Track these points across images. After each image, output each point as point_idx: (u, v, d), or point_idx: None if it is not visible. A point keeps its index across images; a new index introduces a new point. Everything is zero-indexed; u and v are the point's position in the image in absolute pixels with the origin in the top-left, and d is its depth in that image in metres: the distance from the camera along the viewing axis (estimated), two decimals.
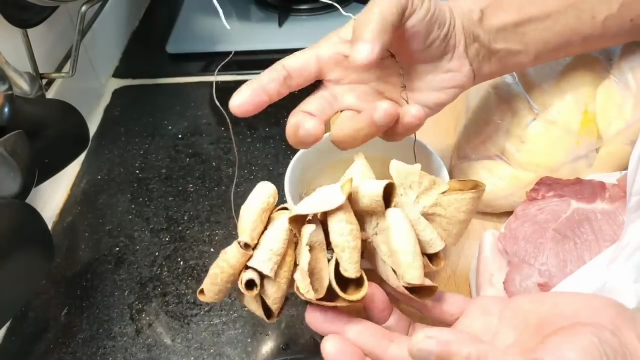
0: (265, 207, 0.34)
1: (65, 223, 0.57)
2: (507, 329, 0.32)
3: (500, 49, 0.42)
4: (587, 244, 0.43)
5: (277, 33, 0.81)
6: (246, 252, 0.33)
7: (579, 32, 0.43)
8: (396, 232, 0.32)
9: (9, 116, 0.41)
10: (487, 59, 0.42)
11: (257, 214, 0.34)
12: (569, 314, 0.30)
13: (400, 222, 0.32)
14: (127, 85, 0.75)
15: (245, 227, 0.33)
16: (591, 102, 0.49)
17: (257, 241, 0.34)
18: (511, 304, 0.33)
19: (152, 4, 0.93)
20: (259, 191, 0.34)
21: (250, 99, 0.36)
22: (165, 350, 0.45)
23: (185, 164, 0.63)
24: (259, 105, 0.36)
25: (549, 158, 0.49)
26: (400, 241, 0.32)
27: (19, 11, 0.48)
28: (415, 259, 0.32)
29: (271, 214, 0.35)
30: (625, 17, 0.43)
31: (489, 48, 0.42)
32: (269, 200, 0.34)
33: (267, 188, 0.35)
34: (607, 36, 0.44)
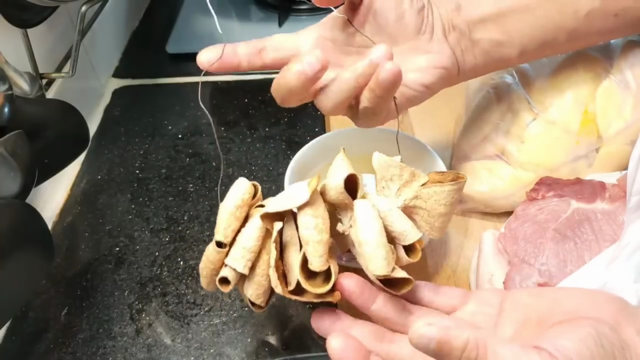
0: (239, 204, 0.34)
1: (65, 223, 0.57)
2: (507, 322, 0.32)
3: (481, 38, 0.42)
4: (587, 244, 0.43)
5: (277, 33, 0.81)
6: (220, 249, 0.34)
7: (562, 27, 0.43)
8: (360, 223, 0.32)
9: (9, 116, 0.41)
10: (470, 49, 0.42)
11: (230, 212, 0.34)
12: (570, 309, 0.30)
13: (364, 212, 0.32)
14: (127, 85, 0.75)
15: (219, 226, 0.35)
16: (591, 102, 0.49)
17: (231, 238, 0.35)
18: (511, 298, 0.33)
19: (152, 4, 0.93)
20: (234, 189, 0.35)
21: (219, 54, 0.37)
22: (165, 350, 0.45)
23: (185, 164, 0.63)
24: (227, 64, 0.37)
25: (549, 158, 0.49)
26: (363, 232, 0.32)
27: (19, 11, 0.48)
28: (378, 249, 0.32)
29: (250, 209, 0.35)
30: (609, 12, 0.43)
31: (470, 38, 0.42)
32: (244, 197, 0.35)
33: (241, 185, 0.35)
34: (592, 32, 0.44)
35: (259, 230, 0.34)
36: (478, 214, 0.53)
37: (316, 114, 0.67)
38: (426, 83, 0.40)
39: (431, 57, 0.40)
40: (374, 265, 0.32)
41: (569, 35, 0.44)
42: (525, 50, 0.44)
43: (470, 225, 0.52)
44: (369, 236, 0.32)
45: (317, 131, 0.65)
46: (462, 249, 0.50)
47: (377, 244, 0.32)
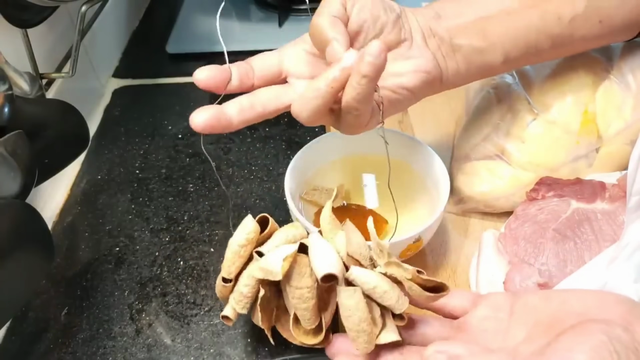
0: (243, 243, 0.38)
1: (65, 223, 0.57)
2: (518, 326, 0.32)
3: (462, 44, 0.42)
4: (587, 244, 0.43)
5: (277, 33, 0.81)
6: (225, 285, 0.39)
7: (545, 33, 0.43)
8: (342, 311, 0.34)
9: (9, 116, 0.41)
10: (451, 55, 0.42)
11: (234, 251, 0.38)
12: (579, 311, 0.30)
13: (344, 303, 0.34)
14: (127, 85, 0.75)
15: (224, 264, 0.38)
16: (591, 102, 0.49)
17: (235, 274, 0.39)
18: (521, 301, 0.33)
19: (152, 4, 0.93)
20: (240, 228, 0.38)
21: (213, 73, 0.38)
22: (165, 350, 0.45)
23: (185, 164, 0.62)
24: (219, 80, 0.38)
25: (549, 158, 0.49)
26: (345, 320, 0.34)
27: (19, 11, 0.48)
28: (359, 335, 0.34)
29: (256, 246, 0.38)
30: (593, 19, 0.43)
31: (450, 43, 0.42)
32: (248, 236, 0.38)
33: (247, 225, 0.38)
34: (577, 38, 0.44)
35: (254, 279, 0.37)
36: (478, 214, 0.53)
37: None
38: (409, 86, 0.40)
39: (412, 62, 0.40)
40: (357, 345, 0.34)
41: (553, 41, 0.43)
42: (509, 57, 0.43)
43: (470, 225, 0.52)
44: (350, 325, 0.34)
45: (317, 131, 0.65)
46: (462, 249, 0.50)
47: (358, 331, 0.34)
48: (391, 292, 0.34)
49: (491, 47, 0.42)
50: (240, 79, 0.39)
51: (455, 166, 0.54)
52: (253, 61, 0.40)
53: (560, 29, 0.43)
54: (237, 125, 0.38)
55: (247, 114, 0.38)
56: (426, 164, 0.49)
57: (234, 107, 0.38)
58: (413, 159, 0.50)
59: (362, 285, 0.35)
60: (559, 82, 0.50)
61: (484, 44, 0.42)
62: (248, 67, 0.40)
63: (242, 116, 0.38)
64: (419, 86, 0.40)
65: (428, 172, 0.49)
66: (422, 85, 0.40)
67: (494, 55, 0.43)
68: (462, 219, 0.53)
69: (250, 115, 0.38)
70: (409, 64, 0.40)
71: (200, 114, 0.37)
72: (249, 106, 0.38)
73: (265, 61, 0.41)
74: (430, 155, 0.48)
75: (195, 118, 0.37)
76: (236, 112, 0.38)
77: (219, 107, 0.38)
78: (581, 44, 0.45)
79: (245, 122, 0.38)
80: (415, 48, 0.41)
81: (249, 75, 0.40)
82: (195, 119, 0.37)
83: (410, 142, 0.50)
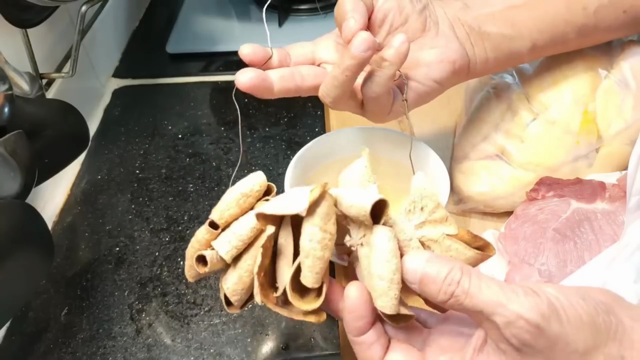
0: (246, 192, 0.33)
1: (65, 223, 0.57)
2: None
3: (490, 32, 0.43)
4: (587, 244, 0.43)
5: (277, 33, 0.81)
6: (212, 230, 0.32)
7: (571, 23, 0.44)
8: (378, 255, 0.30)
9: (9, 116, 0.41)
10: (480, 43, 0.43)
11: (234, 197, 0.33)
12: None
13: (384, 245, 0.30)
14: (127, 85, 0.75)
15: (218, 206, 0.33)
16: (591, 102, 0.49)
17: (226, 223, 0.33)
18: None
19: (152, 4, 0.93)
20: (248, 178, 0.34)
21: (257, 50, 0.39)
22: (165, 350, 0.45)
23: (185, 164, 0.63)
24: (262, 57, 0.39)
25: (549, 158, 0.49)
26: (379, 266, 0.30)
27: (19, 11, 0.48)
28: (391, 288, 0.29)
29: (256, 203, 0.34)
30: (618, 9, 0.44)
31: (479, 32, 0.42)
32: (253, 187, 0.33)
33: (256, 177, 0.34)
34: (601, 28, 0.45)
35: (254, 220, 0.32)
36: (478, 214, 0.53)
37: (316, 114, 0.67)
38: (436, 78, 0.40)
39: (438, 51, 0.41)
40: (383, 302, 0.30)
41: (579, 31, 0.44)
42: (536, 46, 0.44)
43: (470, 225, 0.52)
44: (384, 273, 0.29)
45: (317, 131, 0.65)
46: None
47: (391, 282, 0.29)
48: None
49: (519, 36, 0.43)
50: (280, 60, 0.41)
51: (455, 166, 0.54)
52: (290, 48, 0.42)
53: (585, 19, 0.44)
54: (277, 92, 0.39)
55: (287, 82, 0.39)
56: (426, 164, 0.49)
57: (276, 73, 0.39)
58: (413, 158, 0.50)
59: (399, 234, 0.31)
60: (558, 82, 0.50)
61: (512, 32, 0.43)
62: (285, 52, 0.42)
63: (282, 83, 0.39)
64: (445, 77, 0.41)
65: (428, 172, 0.49)
66: (449, 75, 0.41)
67: (522, 43, 0.44)
68: (462, 219, 0.53)
69: (290, 84, 0.39)
70: (435, 54, 0.41)
71: (245, 74, 0.38)
72: (290, 75, 0.39)
73: (301, 48, 0.42)
74: (430, 155, 0.48)
75: (240, 77, 0.38)
76: (278, 77, 0.39)
77: (263, 71, 0.38)
78: (606, 33, 0.46)
79: (285, 91, 0.39)
80: (442, 37, 0.41)
81: (286, 59, 0.41)
82: (241, 78, 0.38)
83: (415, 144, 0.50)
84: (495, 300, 0.26)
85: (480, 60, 0.43)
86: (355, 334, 0.30)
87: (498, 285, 0.27)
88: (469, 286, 0.27)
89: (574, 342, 0.26)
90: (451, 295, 0.27)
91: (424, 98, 0.41)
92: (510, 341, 0.26)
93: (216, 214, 0.33)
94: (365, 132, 0.52)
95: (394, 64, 0.35)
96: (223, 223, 0.33)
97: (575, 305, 0.26)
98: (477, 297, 0.26)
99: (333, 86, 0.37)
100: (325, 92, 0.38)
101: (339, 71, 0.36)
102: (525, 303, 0.25)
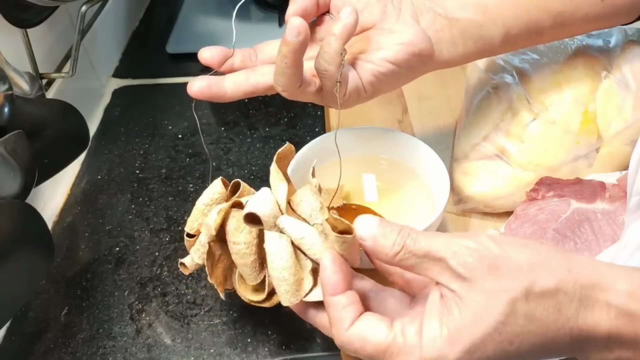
0: (208, 202, 0.40)
1: (65, 223, 0.57)
2: None
3: (459, 17, 0.42)
4: (587, 244, 0.43)
5: (277, 33, 0.81)
6: (188, 239, 0.41)
7: (547, 9, 0.43)
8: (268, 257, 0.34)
9: (9, 116, 0.41)
10: (447, 29, 0.42)
11: (199, 209, 0.40)
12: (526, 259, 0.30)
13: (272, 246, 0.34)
14: (127, 85, 0.75)
15: (189, 220, 0.41)
16: (591, 102, 0.49)
17: (198, 230, 0.40)
18: None
19: (152, 4, 0.93)
20: (207, 190, 0.40)
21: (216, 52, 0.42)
22: (165, 350, 0.45)
23: (185, 164, 0.63)
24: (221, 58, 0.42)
25: (549, 158, 0.49)
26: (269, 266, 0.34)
27: (19, 11, 0.48)
28: (280, 284, 0.33)
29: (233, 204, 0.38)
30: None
31: (446, 17, 0.42)
32: (213, 196, 0.39)
33: (213, 187, 0.40)
34: (579, 16, 0.44)
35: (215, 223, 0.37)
36: (478, 214, 0.53)
37: (316, 114, 0.67)
38: (390, 58, 0.39)
39: (395, 35, 0.40)
40: (279, 294, 0.34)
41: (555, 19, 0.43)
42: (509, 34, 0.43)
43: (470, 225, 0.52)
44: (271, 272, 0.34)
45: (317, 131, 0.65)
46: None
47: (279, 278, 0.33)
48: (320, 244, 0.34)
49: (491, 22, 0.42)
50: (243, 59, 0.42)
51: (455, 166, 0.54)
52: (258, 47, 0.43)
53: (561, 6, 0.43)
54: (230, 96, 0.40)
55: (241, 86, 0.40)
56: (426, 164, 0.49)
57: (230, 79, 0.41)
58: (413, 159, 0.50)
59: (291, 235, 0.34)
60: (558, 82, 0.50)
61: (483, 18, 0.42)
62: (252, 51, 0.43)
63: (235, 87, 0.40)
64: (404, 59, 0.40)
65: (428, 172, 0.49)
66: (408, 57, 0.40)
67: (494, 31, 0.43)
68: (462, 219, 0.53)
69: (244, 87, 0.40)
70: (394, 37, 0.40)
71: (196, 82, 0.40)
72: (244, 78, 0.40)
73: (267, 47, 0.43)
74: (430, 155, 0.48)
75: (191, 86, 0.40)
76: (231, 82, 0.40)
77: (216, 77, 0.40)
78: (583, 23, 0.45)
79: (240, 94, 0.41)
80: (401, 22, 0.41)
81: (251, 57, 0.42)
82: (192, 86, 0.40)
83: (410, 142, 0.50)
84: (442, 241, 0.29)
85: (447, 47, 0.42)
86: (330, 292, 0.31)
87: (442, 234, 0.30)
88: (417, 235, 0.30)
89: (516, 260, 0.28)
90: (402, 245, 0.30)
91: (381, 80, 0.40)
92: (457, 271, 0.28)
93: (188, 225, 0.41)
94: (365, 132, 0.52)
95: (340, 37, 0.36)
96: (195, 232, 0.40)
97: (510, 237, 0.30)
98: (426, 242, 0.29)
99: (278, 74, 0.37)
100: (274, 82, 0.38)
101: (278, 59, 0.36)
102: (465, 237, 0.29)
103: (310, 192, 0.36)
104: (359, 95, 0.40)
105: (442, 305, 0.29)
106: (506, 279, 0.28)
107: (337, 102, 0.39)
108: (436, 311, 0.29)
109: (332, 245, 0.32)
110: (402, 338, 0.29)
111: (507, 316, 0.27)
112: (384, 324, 0.30)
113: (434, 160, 0.48)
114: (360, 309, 0.31)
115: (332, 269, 0.31)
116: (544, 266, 0.28)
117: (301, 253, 0.35)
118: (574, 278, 0.28)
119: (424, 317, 0.29)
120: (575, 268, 0.28)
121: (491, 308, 0.27)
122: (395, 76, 0.40)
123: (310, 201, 0.35)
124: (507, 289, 0.27)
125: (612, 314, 0.28)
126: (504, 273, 0.28)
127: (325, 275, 0.31)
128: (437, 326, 0.28)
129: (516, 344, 0.28)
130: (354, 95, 0.40)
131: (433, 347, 0.28)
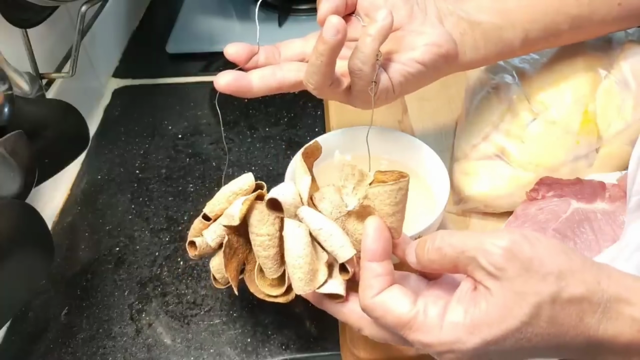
0: (235, 190, 0.39)
1: (65, 223, 0.57)
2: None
3: (481, 20, 0.43)
4: (587, 244, 0.43)
5: (277, 33, 0.81)
6: (204, 221, 0.40)
7: (564, 13, 0.44)
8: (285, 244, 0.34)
9: (9, 116, 0.41)
10: (469, 32, 0.43)
11: (225, 194, 0.39)
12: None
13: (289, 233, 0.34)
14: (127, 85, 0.75)
15: (211, 202, 0.39)
16: (591, 102, 0.49)
17: (216, 216, 0.39)
18: None
19: (152, 4, 0.93)
20: (239, 178, 0.39)
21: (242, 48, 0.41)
22: (165, 350, 0.45)
23: (185, 164, 0.63)
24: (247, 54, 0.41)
25: (549, 158, 0.49)
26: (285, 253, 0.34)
27: (19, 11, 0.48)
28: (294, 271, 0.34)
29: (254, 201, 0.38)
30: (613, 0, 0.44)
31: (469, 20, 0.43)
32: (243, 187, 0.39)
33: (246, 178, 0.39)
34: (595, 20, 0.45)
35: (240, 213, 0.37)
36: (478, 214, 0.53)
37: (316, 114, 0.67)
38: (418, 59, 0.40)
39: (425, 36, 0.41)
40: (292, 281, 0.34)
41: (572, 22, 0.44)
42: (529, 37, 0.44)
43: (470, 225, 0.52)
44: (288, 258, 0.34)
45: (317, 131, 0.65)
46: None
47: (294, 265, 0.34)
48: (337, 237, 0.34)
49: (510, 25, 0.43)
50: (267, 57, 0.42)
51: (456, 166, 0.54)
52: (280, 45, 0.43)
53: (579, 9, 0.44)
54: (257, 91, 0.40)
55: (267, 81, 0.40)
56: (426, 164, 0.49)
57: (256, 73, 0.40)
58: (413, 159, 0.50)
59: (309, 224, 0.34)
60: (558, 82, 0.50)
61: (502, 22, 0.43)
62: (275, 49, 0.43)
63: (262, 82, 0.40)
64: (432, 59, 0.41)
65: (428, 172, 0.49)
66: (435, 58, 0.41)
67: (514, 33, 0.44)
68: (462, 219, 0.53)
69: (270, 82, 0.40)
70: (421, 38, 0.41)
71: (223, 76, 0.39)
72: (270, 74, 0.40)
73: (291, 45, 0.43)
74: (431, 155, 0.48)
75: (219, 79, 0.39)
76: (258, 77, 0.40)
77: (241, 72, 0.40)
78: (600, 26, 0.46)
79: (265, 89, 0.40)
80: (428, 24, 0.41)
81: (275, 55, 0.42)
82: (219, 80, 0.39)
83: (410, 142, 0.50)
84: (474, 240, 0.30)
85: (470, 49, 0.43)
86: (368, 258, 0.32)
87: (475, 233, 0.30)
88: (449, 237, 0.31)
89: (548, 264, 0.28)
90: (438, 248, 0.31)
91: (409, 80, 0.41)
92: (487, 269, 0.29)
93: (208, 207, 0.39)
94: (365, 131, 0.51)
95: (376, 38, 0.36)
96: (214, 216, 0.39)
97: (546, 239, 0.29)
98: (459, 242, 0.30)
99: (311, 72, 0.37)
100: (306, 79, 0.38)
101: (314, 57, 0.36)
102: (499, 236, 0.29)
103: (334, 191, 0.36)
104: (387, 96, 0.40)
105: (472, 297, 0.29)
106: (535, 281, 0.28)
107: (369, 102, 0.39)
108: (465, 300, 0.30)
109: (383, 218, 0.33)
110: (424, 316, 0.30)
111: (531, 317, 0.28)
112: (409, 299, 0.31)
113: (434, 160, 0.48)
114: (392, 281, 0.32)
115: (374, 237, 0.32)
116: (575, 275, 0.28)
117: (318, 245, 0.35)
118: (602, 290, 0.28)
119: (450, 302, 0.30)
120: (605, 281, 0.28)
121: (517, 309, 0.28)
122: (422, 76, 0.41)
123: (332, 199, 0.36)
124: (535, 292, 0.28)
125: (635, 328, 0.28)
126: (533, 275, 0.28)
127: (366, 243, 0.32)
128: (461, 313, 0.29)
129: (533, 343, 0.28)
130: (383, 96, 0.40)
131: (453, 332, 0.29)
